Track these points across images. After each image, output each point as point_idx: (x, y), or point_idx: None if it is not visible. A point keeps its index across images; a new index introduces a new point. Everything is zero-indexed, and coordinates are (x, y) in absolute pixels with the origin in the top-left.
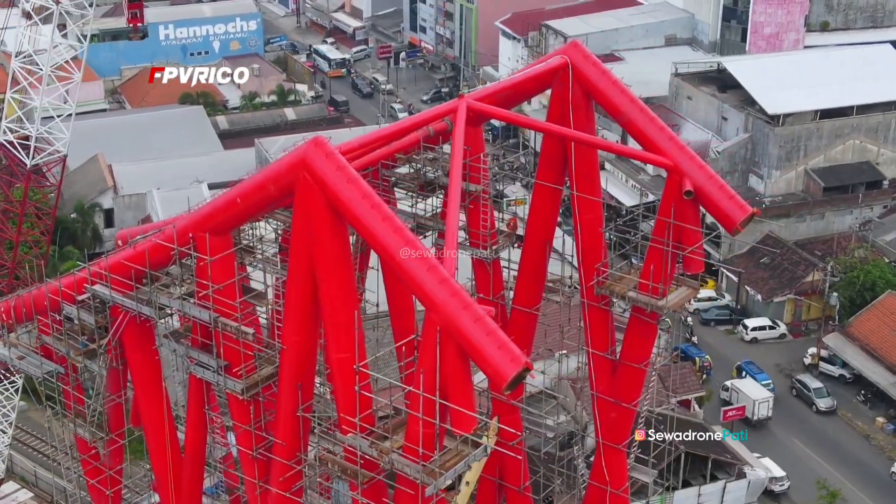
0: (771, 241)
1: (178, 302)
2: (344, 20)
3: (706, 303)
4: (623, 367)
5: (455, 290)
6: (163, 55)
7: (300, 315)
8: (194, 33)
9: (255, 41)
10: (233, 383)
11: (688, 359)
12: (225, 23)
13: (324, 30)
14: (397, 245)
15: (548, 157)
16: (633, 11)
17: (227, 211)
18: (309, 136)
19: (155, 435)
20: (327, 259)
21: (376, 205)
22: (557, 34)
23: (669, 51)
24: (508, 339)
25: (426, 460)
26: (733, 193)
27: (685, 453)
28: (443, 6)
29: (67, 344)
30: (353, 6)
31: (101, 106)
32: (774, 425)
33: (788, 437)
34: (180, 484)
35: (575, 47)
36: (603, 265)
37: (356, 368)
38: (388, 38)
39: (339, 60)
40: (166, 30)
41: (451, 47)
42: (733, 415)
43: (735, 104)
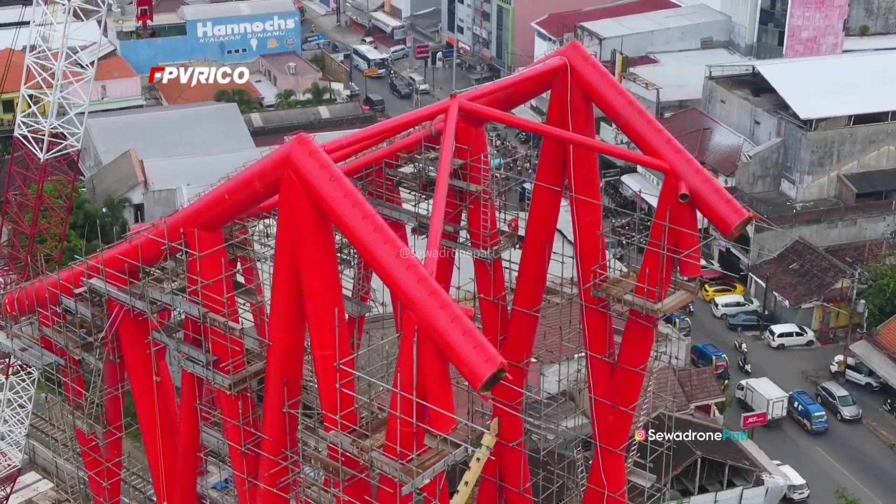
0: (801, 247)
1: (169, 297)
2: (383, 19)
3: (734, 308)
4: (620, 371)
5: (433, 290)
6: (200, 52)
7: (286, 312)
8: (232, 31)
9: (292, 39)
10: (221, 378)
11: (704, 357)
12: (263, 21)
13: (363, 29)
14: (377, 243)
15: (547, 158)
16: (669, 14)
17: (215, 207)
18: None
19: (150, 429)
20: (311, 256)
21: (357, 203)
22: (592, 36)
23: (705, 54)
24: (485, 340)
25: (406, 459)
26: (729, 197)
27: (702, 458)
28: (480, 6)
29: (66, 336)
30: (393, 5)
31: (137, 102)
32: (797, 433)
33: (811, 444)
34: (174, 478)
35: (574, 48)
36: (600, 267)
37: (336, 366)
38: (426, 37)
39: (379, 61)
40: (204, 27)
41: (488, 47)
42: (754, 421)
43: (768, 108)
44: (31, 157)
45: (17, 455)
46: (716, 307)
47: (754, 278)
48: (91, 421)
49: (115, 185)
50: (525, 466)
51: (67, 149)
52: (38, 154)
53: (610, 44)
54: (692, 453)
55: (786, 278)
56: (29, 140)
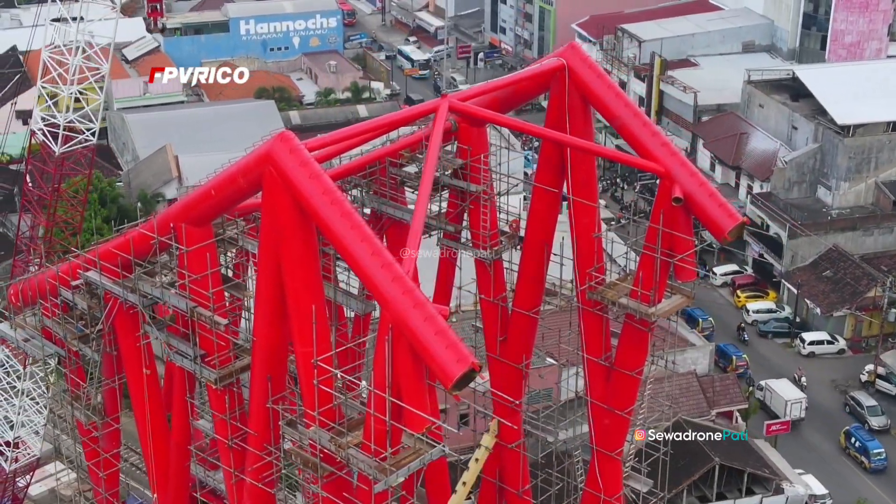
0: (835, 255)
1: (158, 290)
2: (427, 19)
3: (765, 314)
4: (616, 374)
5: (408, 288)
6: (243, 50)
7: (269, 308)
8: (275, 29)
9: (334, 38)
10: (208, 372)
11: (725, 357)
12: (305, 19)
13: (407, 28)
14: (353, 241)
15: (546, 160)
16: (711, 17)
17: (203, 202)
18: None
19: (144, 421)
20: (292, 253)
21: (336, 201)
22: (632, 38)
23: (746, 57)
24: (458, 340)
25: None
26: (724, 201)
27: (720, 465)
28: (523, 7)
29: (64, 328)
30: (437, 5)
31: (179, 98)
32: (822, 441)
33: (836, 454)
34: (168, 471)
35: (572, 49)
36: (596, 270)
37: (314, 363)
38: (469, 37)
39: (423, 62)
40: (247, 25)
41: (530, 49)
42: (777, 429)
43: (806, 113)
44: (48, 151)
45: (36, 444)
46: (747, 313)
47: (787, 285)
48: (88, 412)
49: (150, 180)
50: (525, 468)
51: (82, 143)
52: (53, 147)
53: (649, 46)
54: (710, 459)
55: (818, 286)
56: (45, 133)
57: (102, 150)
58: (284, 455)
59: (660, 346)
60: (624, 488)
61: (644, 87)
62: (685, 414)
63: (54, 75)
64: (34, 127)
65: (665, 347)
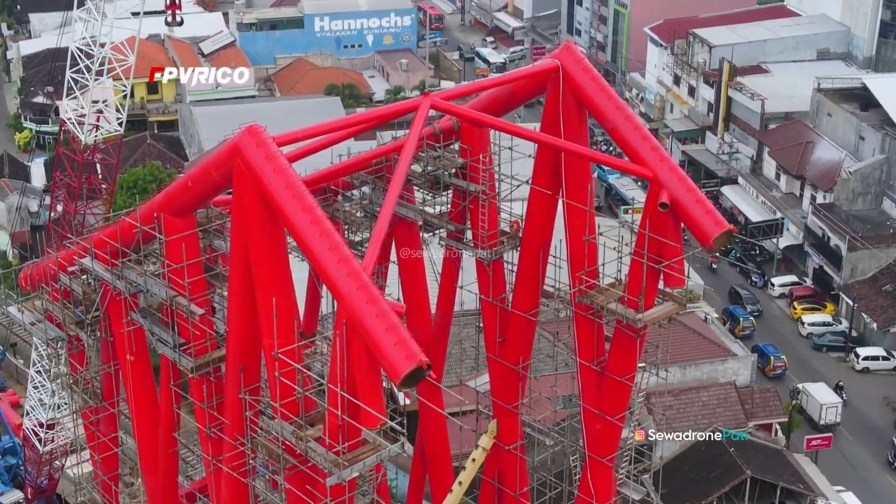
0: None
1: (141, 278)
2: (505, 20)
3: (821, 327)
4: (607, 380)
5: (363, 284)
6: (317, 46)
7: (240, 300)
8: (349, 26)
9: (408, 36)
10: (185, 361)
11: (763, 357)
12: (379, 17)
13: (486, 28)
14: (312, 236)
15: (542, 162)
16: (786, 23)
17: (182, 194)
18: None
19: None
20: (259, 246)
21: (298, 195)
22: (703, 42)
23: (819, 65)
24: (409, 337)
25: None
26: (711, 208)
27: (752, 478)
28: (598, 10)
29: (63, 313)
30: (515, 6)
31: (250, 92)
32: (868, 458)
33: (882, 473)
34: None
35: (567, 51)
36: (587, 274)
37: (274, 355)
38: (546, 39)
39: (500, 64)
40: (321, 21)
41: (604, 52)
42: (818, 444)
43: (874, 123)
44: (76, 140)
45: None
46: (802, 325)
47: (845, 298)
48: (86, 396)
49: None
50: (523, 470)
51: (109, 133)
52: (80, 137)
53: (720, 51)
54: (742, 472)
55: (877, 300)
56: (73, 123)
57: (172, 141)
58: (252, 444)
59: (690, 356)
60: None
61: (713, 92)
62: (721, 424)
63: (81, 66)
64: (63, 116)
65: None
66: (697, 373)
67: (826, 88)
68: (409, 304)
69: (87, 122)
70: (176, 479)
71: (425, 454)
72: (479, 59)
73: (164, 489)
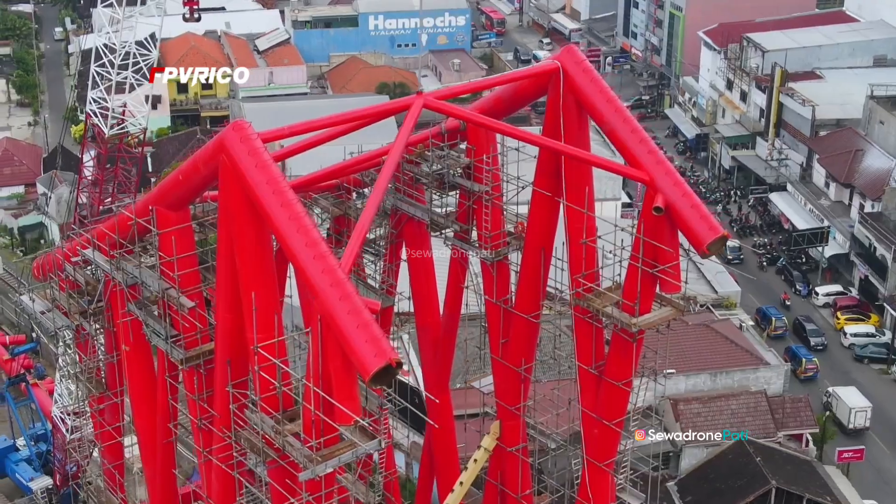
0: None
1: (137, 270)
2: (562, 21)
3: (863, 338)
4: (605, 384)
5: (337, 280)
6: (370, 45)
7: (227, 293)
8: (403, 25)
9: (462, 37)
10: (176, 352)
11: (795, 358)
12: (434, 17)
13: (543, 30)
14: (290, 231)
15: (543, 163)
16: (843, 28)
17: (174, 188)
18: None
19: (134, 398)
20: (241, 240)
21: (279, 191)
22: (756, 47)
23: (876, 72)
24: (382, 335)
25: (318, 447)
26: (707, 214)
27: (777, 489)
28: (654, 13)
29: (69, 303)
30: (573, 8)
31: (302, 90)
32: None
33: None
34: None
35: (568, 52)
36: (584, 277)
37: (253, 349)
38: (602, 41)
39: None
40: (376, 20)
41: (659, 55)
42: (850, 456)
43: None
44: (100, 133)
45: None
46: (844, 336)
47: (889, 309)
48: (90, 385)
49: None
50: (526, 472)
51: (132, 126)
52: (104, 129)
53: (773, 56)
54: (767, 482)
55: None
56: (97, 115)
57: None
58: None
59: (722, 363)
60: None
61: (764, 98)
62: (750, 433)
63: (104, 61)
64: (88, 109)
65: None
66: (728, 381)
67: (879, 96)
68: (417, 303)
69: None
70: (172, 469)
71: (433, 454)
72: (535, 61)
73: (162, 479)
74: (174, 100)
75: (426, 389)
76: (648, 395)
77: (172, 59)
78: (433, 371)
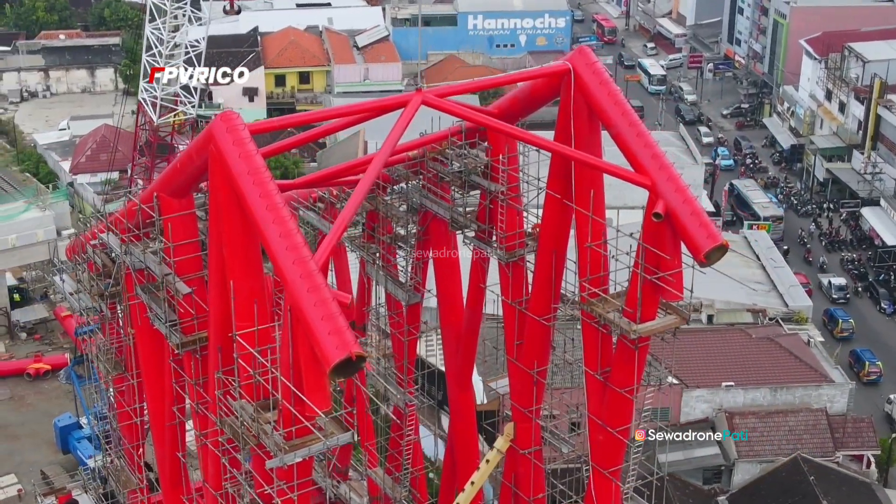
0: None
1: (141, 255)
2: (667, 26)
3: None
4: (610, 391)
5: (307, 272)
6: (469, 44)
7: (217, 281)
8: (502, 25)
9: (561, 38)
10: (174, 337)
11: (859, 362)
12: (533, 18)
13: (648, 34)
14: (265, 221)
15: (556, 166)
16: None
17: (175, 176)
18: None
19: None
20: (227, 228)
21: (259, 181)
22: (857, 57)
23: None
24: (346, 328)
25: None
26: (707, 221)
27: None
28: (758, 19)
29: (90, 284)
30: (679, 13)
31: (396, 87)
32: None
33: None
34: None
35: (581, 54)
36: (589, 282)
37: (231, 336)
38: (706, 47)
39: (660, 77)
40: (475, 20)
41: (761, 62)
42: None
43: None
44: (149, 121)
45: None
46: None
47: None
48: (108, 365)
49: (337, 163)
50: (539, 477)
51: (180, 115)
52: (153, 117)
53: (873, 67)
54: (818, 502)
55: None
56: (147, 104)
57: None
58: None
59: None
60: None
61: (863, 109)
62: (806, 451)
63: (154, 52)
64: (139, 97)
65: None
66: (789, 396)
67: None
68: (442, 301)
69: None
70: (176, 451)
71: (455, 452)
72: (639, 69)
73: (169, 462)
74: (271, 92)
75: (448, 386)
76: (705, 406)
77: (272, 53)
78: (455, 368)
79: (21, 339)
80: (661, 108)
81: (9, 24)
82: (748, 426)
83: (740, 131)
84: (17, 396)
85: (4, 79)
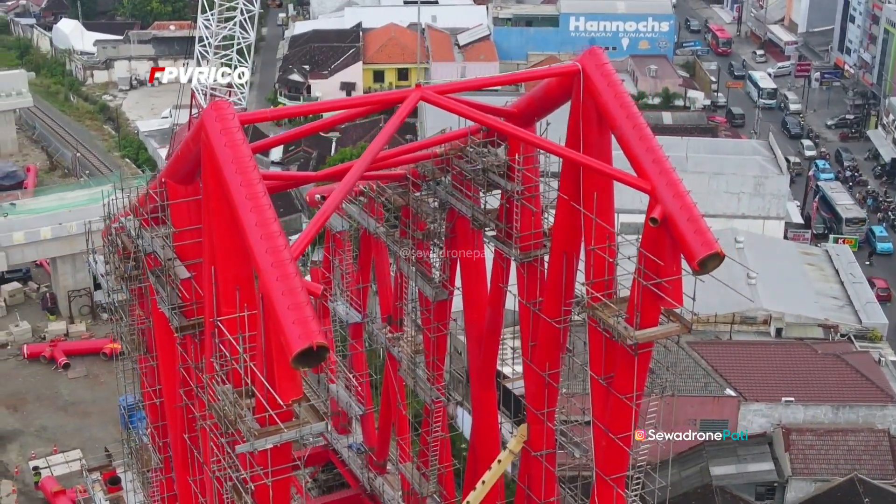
0: None
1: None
2: (778, 33)
3: None
4: (612, 397)
5: (280, 261)
6: (570, 45)
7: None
8: (604, 27)
9: (664, 42)
10: (175, 320)
11: None
12: (636, 21)
13: (759, 40)
14: (245, 208)
15: (566, 168)
16: None
17: (178, 163)
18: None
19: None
20: (215, 216)
21: (242, 171)
22: None
23: None
24: (312, 317)
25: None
26: (704, 228)
27: None
28: (869, 28)
29: (114, 266)
30: (792, 20)
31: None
32: None
33: None
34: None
35: (592, 55)
36: (592, 286)
37: (213, 321)
38: (816, 56)
39: (770, 90)
40: (577, 21)
41: (871, 73)
42: None
43: None
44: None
45: None
46: None
47: None
48: (130, 346)
49: None
50: (551, 479)
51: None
52: (202, 105)
53: None
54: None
55: None
56: (199, 93)
57: (407, 126)
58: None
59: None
60: None
61: None
62: (864, 473)
63: (205, 43)
64: (192, 87)
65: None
66: (852, 415)
67: None
68: (466, 299)
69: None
70: (182, 432)
71: (476, 451)
72: (749, 81)
73: (180, 442)
74: (368, 88)
75: (471, 385)
76: (763, 420)
77: (372, 49)
78: (477, 367)
79: (102, 320)
80: (757, 117)
81: (125, 14)
82: (804, 443)
83: (843, 143)
84: (91, 375)
85: (115, 67)
